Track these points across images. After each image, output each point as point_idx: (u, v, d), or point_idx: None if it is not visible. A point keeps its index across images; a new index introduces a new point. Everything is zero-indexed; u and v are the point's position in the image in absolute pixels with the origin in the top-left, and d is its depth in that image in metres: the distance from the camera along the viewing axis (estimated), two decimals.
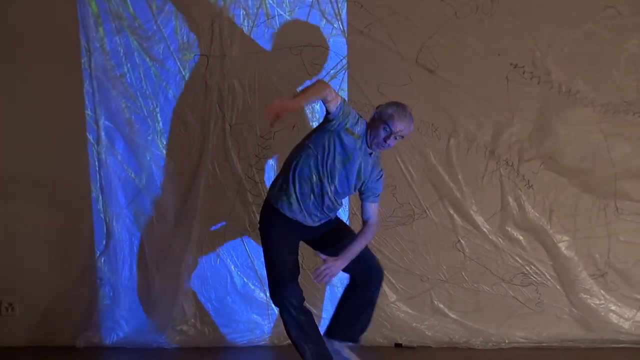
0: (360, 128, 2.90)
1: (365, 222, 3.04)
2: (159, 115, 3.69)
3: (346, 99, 3.61)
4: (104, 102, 3.67)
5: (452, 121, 3.65)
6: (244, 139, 3.67)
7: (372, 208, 3.02)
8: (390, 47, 3.61)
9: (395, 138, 2.89)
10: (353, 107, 3.56)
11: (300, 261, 3.14)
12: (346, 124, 2.86)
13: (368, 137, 2.92)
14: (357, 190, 3.03)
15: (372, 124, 2.92)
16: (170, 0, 3.59)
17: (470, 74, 3.61)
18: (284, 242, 3.01)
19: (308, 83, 3.63)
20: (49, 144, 3.70)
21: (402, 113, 2.88)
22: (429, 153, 3.68)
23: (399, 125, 2.86)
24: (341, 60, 3.63)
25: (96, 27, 3.61)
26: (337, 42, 3.64)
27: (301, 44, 3.61)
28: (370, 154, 2.97)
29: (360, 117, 2.94)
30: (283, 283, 2.95)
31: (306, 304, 3.07)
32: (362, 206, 3.05)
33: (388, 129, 2.86)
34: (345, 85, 3.65)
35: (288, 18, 3.62)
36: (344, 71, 3.65)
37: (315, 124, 3.60)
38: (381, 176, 3.04)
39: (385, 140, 2.87)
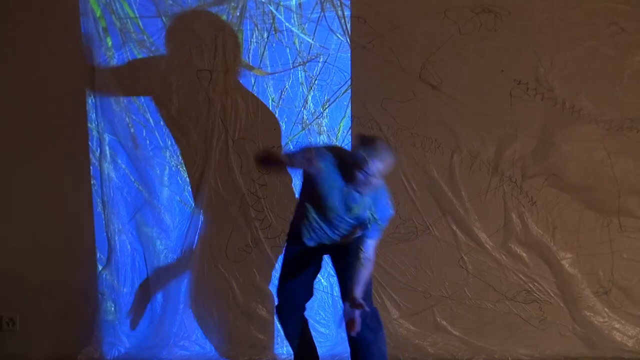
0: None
1: None
2: (162, 129, 3.69)
3: (349, 115, 3.63)
4: (108, 115, 3.67)
5: (455, 137, 3.65)
6: (247, 154, 3.66)
7: (368, 244, 2.74)
8: (393, 63, 3.60)
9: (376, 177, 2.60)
10: (356, 122, 3.62)
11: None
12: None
13: (344, 176, 2.66)
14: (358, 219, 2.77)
15: (348, 168, 2.62)
16: (175, 14, 3.60)
17: (473, 90, 3.61)
18: (293, 259, 2.96)
19: (311, 98, 3.65)
20: (51, 156, 3.69)
21: (380, 159, 2.56)
22: (431, 169, 3.67)
23: (378, 173, 2.58)
24: (347, 80, 3.63)
25: (101, 41, 3.62)
26: (345, 59, 3.62)
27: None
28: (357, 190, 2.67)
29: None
30: (281, 307, 3.01)
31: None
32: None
33: (366, 174, 2.56)
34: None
35: (297, 32, 3.62)
36: (347, 88, 3.65)
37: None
38: (383, 217, 2.75)
39: (364, 183, 2.60)
